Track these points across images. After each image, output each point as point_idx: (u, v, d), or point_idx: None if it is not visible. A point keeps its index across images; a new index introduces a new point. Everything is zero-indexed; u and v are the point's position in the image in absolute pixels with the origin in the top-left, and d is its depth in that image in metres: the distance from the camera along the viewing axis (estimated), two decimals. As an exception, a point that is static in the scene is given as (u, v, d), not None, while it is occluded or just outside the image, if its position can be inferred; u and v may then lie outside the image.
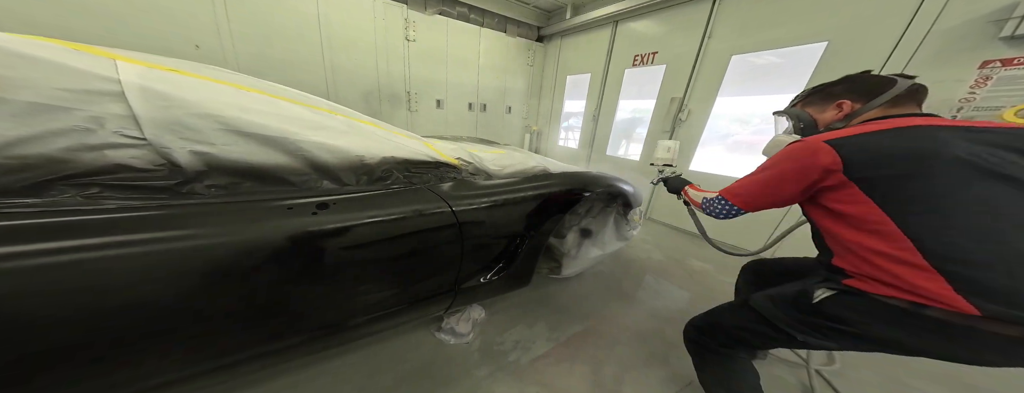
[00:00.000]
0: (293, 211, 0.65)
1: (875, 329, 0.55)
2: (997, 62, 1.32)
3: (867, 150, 0.56)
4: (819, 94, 0.74)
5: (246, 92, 0.72)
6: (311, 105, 0.84)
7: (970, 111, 1.39)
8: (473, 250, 0.93)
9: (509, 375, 1.05)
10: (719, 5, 2.23)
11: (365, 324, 0.84)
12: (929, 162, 0.51)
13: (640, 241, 2.35)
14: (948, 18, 1.42)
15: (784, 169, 0.64)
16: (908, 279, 0.50)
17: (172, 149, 0.57)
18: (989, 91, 1.35)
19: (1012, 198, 0.48)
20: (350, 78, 2.75)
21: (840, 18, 1.73)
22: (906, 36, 1.52)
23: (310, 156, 0.71)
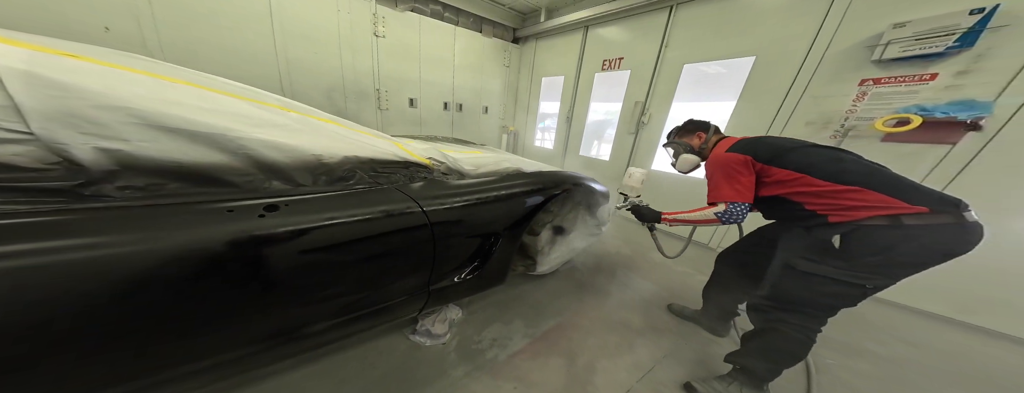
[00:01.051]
0: (235, 214, 0.59)
1: (900, 252, 0.74)
2: (870, 81, 1.59)
3: (756, 146, 0.95)
4: (682, 132, 1.20)
5: (172, 84, 0.64)
6: (258, 101, 0.78)
7: (853, 121, 1.67)
8: (446, 250, 0.93)
9: (486, 373, 1.06)
10: (674, 16, 2.41)
11: (328, 331, 0.80)
12: (791, 145, 0.93)
13: (609, 236, 2.47)
14: (838, 42, 1.68)
15: (731, 171, 0.95)
16: (853, 197, 0.78)
17: (69, 145, 0.48)
18: (865, 105, 1.62)
19: (830, 154, 0.88)
20: (310, 72, 2.55)
21: (763, 38, 1.98)
22: (810, 56, 1.78)
23: (255, 155, 0.65)
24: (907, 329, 1.49)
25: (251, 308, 0.64)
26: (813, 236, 0.86)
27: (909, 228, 0.73)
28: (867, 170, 0.82)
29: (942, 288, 1.54)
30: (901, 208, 0.74)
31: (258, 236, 0.60)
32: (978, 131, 1.36)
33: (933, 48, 1.38)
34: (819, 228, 0.85)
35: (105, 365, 0.52)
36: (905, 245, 0.74)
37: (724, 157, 0.96)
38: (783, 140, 0.96)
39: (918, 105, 1.47)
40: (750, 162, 0.92)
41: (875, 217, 0.76)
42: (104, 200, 0.52)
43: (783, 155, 0.89)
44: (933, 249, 0.74)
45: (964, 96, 1.38)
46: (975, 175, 1.40)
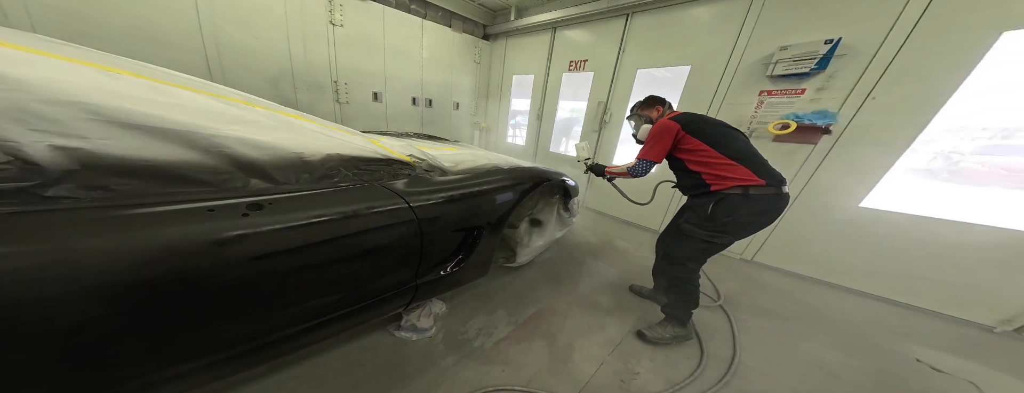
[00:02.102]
0: (216, 213, 0.56)
1: (742, 213, 1.07)
2: (766, 92, 2.05)
3: (690, 118, 1.20)
4: (644, 106, 1.40)
5: (117, 74, 0.58)
6: (219, 94, 0.72)
7: (755, 124, 2.12)
8: (433, 245, 0.96)
9: (475, 360, 1.12)
10: (629, 24, 2.72)
11: (317, 328, 0.78)
12: (714, 122, 1.20)
13: (578, 227, 2.69)
14: (748, 58, 2.12)
15: (658, 133, 1.20)
16: (731, 170, 1.07)
17: (20, 143, 0.44)
18: (763, 112, 2.09)
19: (731, 134, 1.19)
20: (249, 58, 2.24)
21: (696, 50, 2.38)
22: (727, 68, 2.21)
23: (231, 153, 0.63)
24: (791, 290, 1.95)
25: (236, 310, 0.60)
26: (697, 204, 1.17)
27: (752, 197, 1.04)
28: (747, 150, 1.12)
29: (809, 255, 2.06)
30: (752, 181, 1.04)
31: (245, 235, 0.57)
32: (829, 134, 1.86)
33: (802, 68, 1.84)
34: (703, 196, 1.15)
35: (69, 377, 0.46)
36: (746, 208, 1.06)
37: (662, 122, 1.20)
38: (711, 119, 1.22)
39: (794, 113, 1.93)
40: (677, 130, 1.15)
41: (735, 187, 1.06)
42: (66, 201, 0.46)
43: (703, 129, 1.15)
44: (759, 212, 1.07)
45: (821, 107, 1.86)
46: (827, 168, 1.91)
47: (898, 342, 1.49)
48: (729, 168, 1.07)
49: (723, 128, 1.19)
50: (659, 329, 1.30)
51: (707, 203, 1.12)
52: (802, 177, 2.00)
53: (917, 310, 1.76)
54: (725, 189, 1.08)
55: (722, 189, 1.09)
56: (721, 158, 1.09)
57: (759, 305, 1.73)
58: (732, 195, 1.07)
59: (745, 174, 1.05)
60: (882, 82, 1.68)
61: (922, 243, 1.70)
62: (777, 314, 1.66)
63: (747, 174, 1.05)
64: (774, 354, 1.33)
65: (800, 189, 2.02)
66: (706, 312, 1.61)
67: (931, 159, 1.82)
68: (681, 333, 1.28)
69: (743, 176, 1.05)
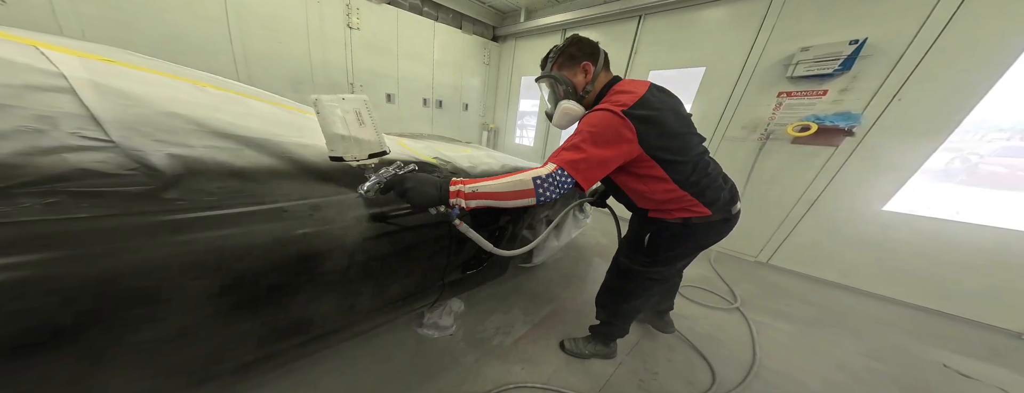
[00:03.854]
0: (287, 214, 0.61)
1: (685, 246, 0.87)
2: (785, 93, 2.01)
3: (645, 116, 0.68)
4: (565, 56, 0.79)
5: (203, 88, 0.64)
6: (280, 104, 0.78)
7: (773, 126, 2.09)
8: (460, 244, 0.98)
9: (495, 358, 1.15)
10: (641, 26, 2.70)
11: (355, 323, 0.83)
12: (665, 129, 0.72)
13: (590, 229, 2.70)
14: (765, 59, 2.09)
15: (606, 138, 0.67)
16: (679, 204, 0.80)
17: (145, 151, 0.50)
18: (781, 113, 2.05)
19: (689, 141, 0.80)
20: (272, 62, 2.35)
21: (711, 51, 2.35)
22: (745, 70, 2.18)
23: (298, 158, 0.68)
24: (809, 293, 1.92)
25: (307, 305, 0.66)
26: (631, 232, 0.96)
27: (693, 226, 0.83)
28: (701, 169, 0.79)
29: (828, 258, 2.02)
30: (696, 212, 0.80)
31: (308, 234, 0.62)
32: (851, 136, 1.82)
33: (825, 69, 1.80)
34: (638, 221, 0.94)
35: (202, 343, 0.55)
36: (690, 242, 0.86)
37: (607, 119, 0.67)
38: (676, 115, 0.75)
39: (815, 115, 1.90)
40: (634, 142, 0.68)
41: (678, 218, 0.83)
42: (181, 203, 0.52)
43: (667, 146, 0.72)
44: (701, 245, 0.90)
45: (844, 109, 1.82)
46: (850, 171, 1.87)
47: (923, 347, 1.46)
48: (675, 197, 0.79)
49: (687, 130, 0.78)
50: (581, 344, 1.19)
51: (643, 232, 0.90)
52: (822, 180, 1.96)
53: (942, 315, 1.72)
54: (665, 219, 0.84)
55: (661, 218, 0.84)
56: (673, 189, 0.77)
57: (777, 308, 1.72)
58: (671, 224, 0.84)
59: (693, 203, 0.79)
60: (909, 83, 1.64)
61: (947, 247, 1.66)
62: (796, 317, 1.64)
63: (694, 203, 0.79)
64: (795, 357, 1.32)
65: (819, 192, 1.98)
66: (723, 314, 1.60)
67: (949, 161, 1.77)
68: (603, 352, 1.17)
69: (691, 205, 0.80)
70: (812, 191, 2.00)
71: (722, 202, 0.82)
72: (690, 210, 0.80)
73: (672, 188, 0.77)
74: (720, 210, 0.82)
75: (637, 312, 1.10)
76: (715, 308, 1.65)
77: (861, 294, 1.93)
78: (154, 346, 0.49)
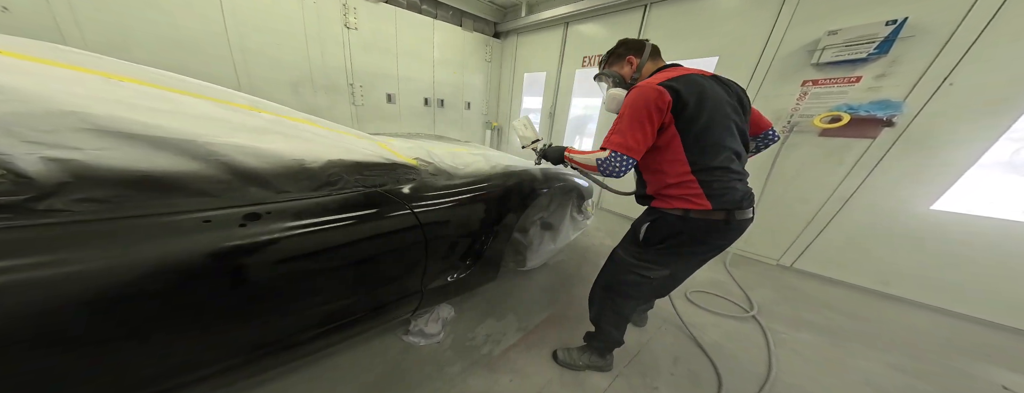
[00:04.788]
0: (212, 224, 0.56)
1: (681, 242, 0.80)
2: (810, 82, 1.81)
3: (684, 89, 0.74)
4: (613, 56, 0.95)
5: (121, 82, 0.58)
6: (224, 101, 0.72)
7: (797, 117, 1.89)
8: (438, 250, 0.93)
9: (482, 368, 1.09)
10: (648, 15, 2.54)
11: (319, 337, 0.78)
12: (709, 104, 0.75)
13: (594, 229, 2.58)
14: (786, 46, 1.89)
15: (641, 111, 0.74)
16: (682, 190, 0.77)
17: (11, 155, 0.43)
18: (806, 104, 1.84)
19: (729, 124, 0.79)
20: (270, 65, 2.34)
21: (724, 39, 2.16)
22: (763, 58, 1.98)
23: (230, 161, 0.61)
24: (839, 301, 1.74)
25: (236, 320, 0.61)
26: (637, 221, 0.88)
27: (691, 222, 0.77)
28: (730, 170, 0.77)
29: (864, 263, 1.81)
30: (698, 204, 0.76)
31: (240, 246, 0.57)
32: (891, 127, 1.61)
33: (858, 54, 1.60)
34: (645, 212, 0.88)
35: (71, 388, 0.48)
36: (685, 236, 0.79)
37: (644, 89, 0.74)
38: (719, 93, 0.78)
39: (847, 104, 1.70)
40: (667, 106, 0.72)
41: (678, 208, 0.78)
42: (60, 215, 0.46)
43: (701, 117, 0.73)
44: (694, 239, 0.79)
45: (882, 96, 1.61)
46: (890, 165, 1.66)
47: (977, 365, 1.27)
48: (684, 183, 0.76)
49: (724, 113, 0.77)
50: (575, 354, 1.10)
51: (643, 222, 0.85)
52: (856, 176, 1.75)
53: (1005, 329, 1.49)
54: (664, 208, 0.80)
55: (661, 207, 0.81)
56: (684, 169, 0.75)
57: (799, 316, 1.55)
58: (670, 215, 0.79)
59: (694, 193, 0.75)
60: (963, 65, 1.42)
61: (1008, 252, 1.43)
62: (822, 327, 1.48)
63: (696, 193, 0.75)
64: (818, 372, 1.18)
65: (854, 189, 1.77)
66: (736, 323, 1.46)
67: (1014, 151, 1.52)
68: (598, 363, 1.08)
69: (688, 194, 0.76)
70: (845, 188, 1.79)
71: (726, 199, 0.76)
72: (691, 200, 0.76)
73: (685, 169, 0.76)
74: (722, 205, 0.76)
75: (623, 315, 1.00)
76: (727, 316, 1.51)
77: (903, 303, 1.72)
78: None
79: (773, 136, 0.98)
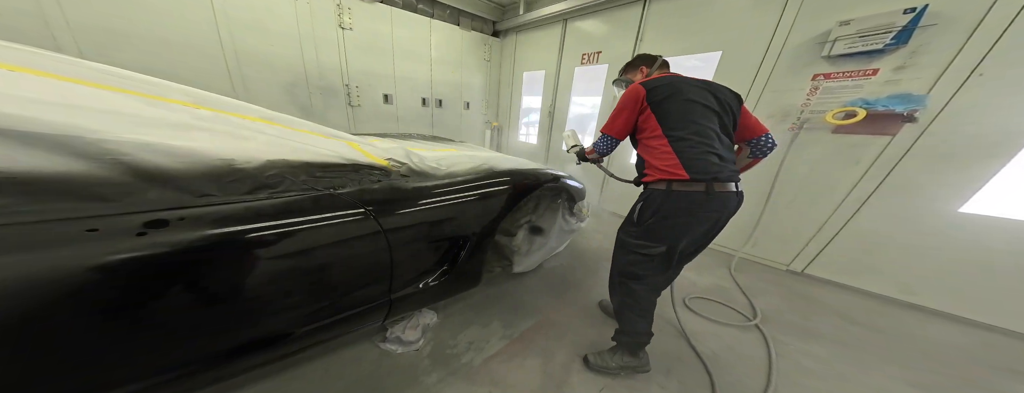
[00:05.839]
0: (100, 234, 0.48)
1: (667, 213, 0.88)
2: (821, 75, 1.69)
3: (657, 83, 0.93)
4: (630, 66, 1.15)
5: (9, 72, 0.52)
6: (152, 95, 0.66)
7: (808, 113, 1.76)
8: (406, 257, 0.88)
9: (460, 378, 1.04)
10: (647, 10, 2.45)
11: (255, 352, 0.71)
12: (676, 89, 0.91)
13: (592, 231, 2.50)
14: (794, 38, 1.77)
15: (625, 104, 0.96)
16: (663, 161, 0.88)
17: None
18: (818, 98, 1.72)
19: (692, 104, 0.91)
20: (264, 66, 2.33)
21: (728, 33, 2.05)
22: (769, 51, 1.87)
23: (131, 161, 0.54)
24: (856, 310, 1.61)
25: (136, 340, 0.54)
26: (632, 206, 0.97)
27: (675, 194, 0.86)
28: (702, 130, 0.87)
29: (884, 269, 1.68)
30: (675, 174, 0.85)
31: (135, 258, 0.49)
32: (913, 122, 1.48)
33: (874, 45, 1.48)
34: (638, 196, 0.97)
35: None
36: (669, 207, 0.87)
37: (631, 88, 0.95)
38: (693, 84, 0.92)
39: (862, 99, 1.57)
40: (641, 98, 0.91)
41: (659, 181, 0.88)
42: None
43: (669, 98, 0.89)
44: (680, 210, 0.86)
45: (901, 90, 1.49)
46: (912, 164, 1.53)
47: (1009, 382, 1.15)
48: (663, 155, 0.87)
49: (694, 98, 0.89)
50: (606, 356, 1.09)
51: (637, 202, 0.96)
52: (875, 176, 1.62)
53: (1040, 347, 1.35)
54: (651, 183, 0.92)
55: (649, 183, 0.92)
56: (662, 141, 0.88)
57: (808, 326, 1.45)
58: (656, 191, 0.89)
59: (673, 165, 0.85)
60: (995, 53, 1.29)
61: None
62: (832, 338, 1.37)
63: (673, 163, 0.85)
64: (824, 386, 1.08)
65: (872, 190, 1.64)
66: (737, 332, 1.37)
67: None
68: (632, 363, 1.06)
69: (668, 165, 0.86)
70: (862, 189, 1.66)
71: (701, 169, 0.84)
72: (672, 172, 0.85)
73: (663, 141, 0.88)
74: (698, 176, 0.84)
75: (641, 302, 1.02)
76: (727, 324, 1.42)
77: (926, 313, 1.58)
78: None
79: (768, 142, 1.00)
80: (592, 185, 2.87)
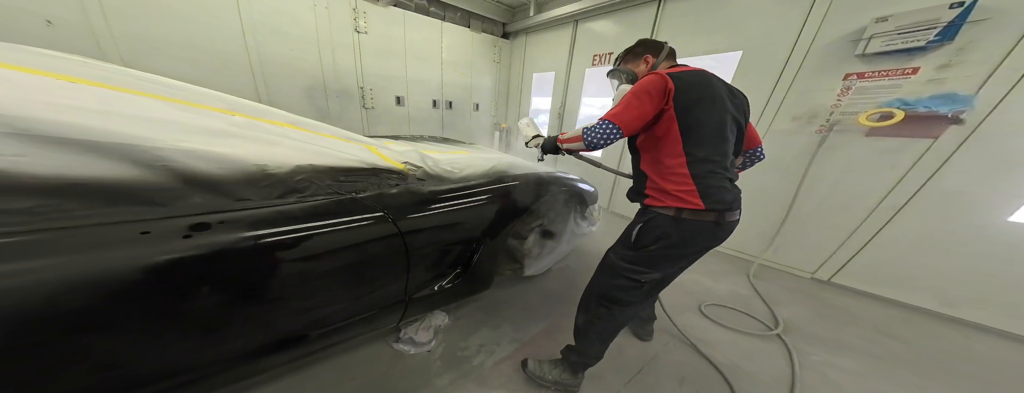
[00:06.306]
0: (151, 236, 0.51)
1: (671, 243, 0.78)
2: (854, 75, 1.59)
3: (691, 79, 0.77)
4: (631, 54, 0.96)
5: (65, 83, 0.56)
6: (192, 103, 0.70)
7: (838, 115, 1.66)
8: (422, 259, 0.89)
9: (472, 381, 1.04)
10: (662, 10, 2.38)
11: (285, 350, 0.74)
12: (712, 95, 0.77)
13: (602, 234, 2.45)
14: (823, 37, 1.68)
15: (644, 93, 0.76)
16: (677, 184, 0.76)
17: None
18: (850, 99, 1.62)
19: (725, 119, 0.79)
20: (286, 71, 2.43)
21: (749, 32, 1.97)
22: (795, 50, 1.77)
23: (179, 168, 0.57)
24: (889, 322, 1.51)
25: (183, 337, 0.58)
26: (632, 222, 0.86)
27: (683, 222, 0.76)
28: (723, 152, 0.77)
29: (921, 280, 1.57)
30: (689, 203, 0.75)
31: (181, 259, 0.53)
32: (960, 124, 1.37)
33: (915, 42, 1.38)
34: (637, 216, 0.86)
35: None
36: (675, 237, 0.77)
37: (651, 77, 0.76)
38: (726, 91, 0.80)
39: (900, 99, 1.47)
40: (669, 91, 0.74)
41: (668, 207, 0.77)
42: None
43: (700, 105, 0.74)
44: (685, 241, 0.78)
45: (946, 90, 1.38)
46: (956, 169, 1.42)
47: None
48: (676, 178, 0.75)
49: (727, 109, 0.78)
50: (546, 367, 1.03)
51: (636, 223, 0.84)
52: (914, 180, 1.52)
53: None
54: (657, 207, 0.79)
55: (654, 206, 0.80)
56: (679, 160, 0.75)
57: (836, 338, 1.37)
58: (662, 216, 0.78)
59: (688, 191, 0.74)
60: (1056, 47, 1.18)
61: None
62: (863, 351, 1.29)
63: (688, 190, 0.74)
64: None
65: (910, 195, 1.54)
66: (757, 341, 1.31)
67: None
68: (568, 382, 1.00)
69: (681, 191, 0.74)
70: (898, 194, 1.56)
71: (718, 199, 0.75)
72: (685, 199, 0.75)
73: (680, 160, 0.76)
74: (714, 206, 0.75)
75: (618, 325, 0.95)
76: (747, 333, 1.36)
77: (969, 327, 1.47)
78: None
79: (761, 154, 0.98)
80: (602, 188, 2.82)
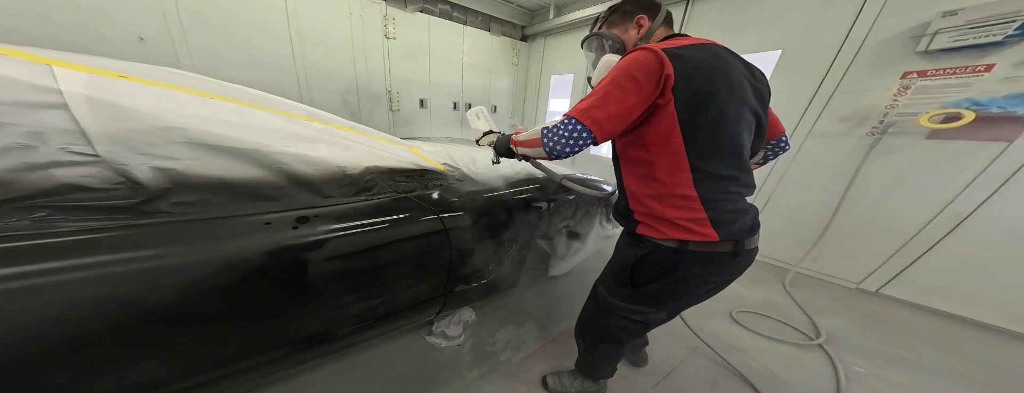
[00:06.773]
0: (272, 226, 0.63)
1: (677, 279, 0.62)
2: (914, 74, 1.46)
3: (694, 63, 0.53)
4: (617, 14, 0.71)
5: (209, 100, 0.68)
6: (285, 112, 0.81)
7: (894, 116, 1.53)
8: (462, 255, 0.93)
9: (501, 375, 1.07)
10: (691, 9, 2.29)
11: (353, 333, 0.83)
12: (727, 83, 0.55)
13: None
14: (877, 33, 1.55)
15: (627, 78, 0.53)
16: (679, 212, 0.58)
17: (130, 166, 0.52)
18: (908, 99, 1.49)
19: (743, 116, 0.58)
20: (326, 76, 2.61)
21: (790, 30, 1.85)
22: (844, 48, 1.65)
23: (288, 169, 0.69)
24: (947, 337, 1.39)
25: (283, 315, 0.67)
26: (618, 251, 0.71)
27: (689, 255, 0.59)
28: (743, 166, 0.58)
29: (986, 294, 1.42)
30: (699, 234, 0.57)
31: (293, 246, 0.63)
32: (1041, 126, 1.23)
33: (991, 37, 1.25)
34: (625, 239, 0.69)
35: (158, 364, 0.57)
36: (678, 272, 0.61)
37: (638, 54, 0.54)
38: (735, 70, 0.57)
39: (970, 99, 1.34)
40: (668, 77, 0.51)
41: (671, 240, 0.59)
42: (161, 216, 0.56)
43: (715, 99, 0.53)
44: (693, 276, 0.61)
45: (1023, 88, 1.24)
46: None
47: None
48: (680, 203, 0.57)
49: (747, 98, 0.57)
50: (566, 380, 1.00)
51: (629, 256, 0.67)
52: (982, 187, 1.38)
53: None
54: (656, 239, 0.61)
55: (651, 238, 0.61)
56: (684, 177, 0.56)
57: (885, 350, 1.28)
58: (662, 248, 0.60)
59: (693, 218, 0.56)
60: None
61: None
62: (916, 365, 1.20)
63: (697, 218, 0.56)
64: None
65: (978, 204, 1.40)
66: (796, 351, 1.25)
67: None
68: (592, 389, 0.98)
69: (686, 220, 0.57)
70: (963, 202, 1.42)
71: (737, 227, 0.57)
72: (691, 229, 0.56)
73: (685, 178, 0.55)
74: (730, 235, 0.57)
75: (616, 354, 0.91)
76: (785, 341, 1.30)
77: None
78: (155, 350, 0.53)
79: (785, 144, 0.77)
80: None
